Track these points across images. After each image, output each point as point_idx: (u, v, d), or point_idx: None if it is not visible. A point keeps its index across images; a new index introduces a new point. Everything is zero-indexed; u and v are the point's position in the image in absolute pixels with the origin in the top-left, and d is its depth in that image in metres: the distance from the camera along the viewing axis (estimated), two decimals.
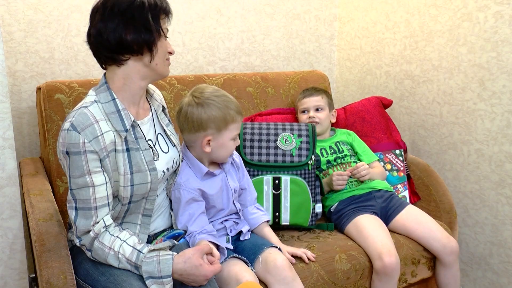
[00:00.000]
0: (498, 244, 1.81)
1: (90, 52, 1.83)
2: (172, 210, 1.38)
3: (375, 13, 2.24)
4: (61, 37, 1.80)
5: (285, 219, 1.60)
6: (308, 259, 1.44)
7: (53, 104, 1.57)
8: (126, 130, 1.16)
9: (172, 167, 1.31)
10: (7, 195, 1.39)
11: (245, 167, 1.59)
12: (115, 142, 1.15)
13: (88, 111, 1.13)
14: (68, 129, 1.10)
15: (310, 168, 1.62)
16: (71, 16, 1.80)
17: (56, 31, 1.79)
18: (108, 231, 1.15)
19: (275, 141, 1.65)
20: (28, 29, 1.74)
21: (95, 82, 1.66)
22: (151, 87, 1.36)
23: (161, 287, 1.11)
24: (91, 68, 1.88)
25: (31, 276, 1.46)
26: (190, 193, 1.33)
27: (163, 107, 1.36)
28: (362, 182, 1.73)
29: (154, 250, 1.14)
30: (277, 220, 1.60)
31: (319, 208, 1.65)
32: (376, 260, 1.47)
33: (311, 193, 1.62)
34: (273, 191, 1.59)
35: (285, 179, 1.59)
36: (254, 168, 1.62)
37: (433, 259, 1.63)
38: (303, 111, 1.86)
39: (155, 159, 1.24)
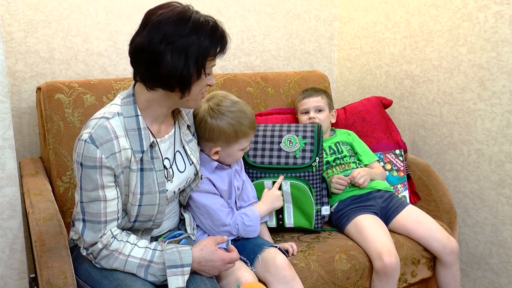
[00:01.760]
0: (498, 244, 1.81)
1: (90, 52, 1.86)
2: (181, 214, 1.38)
3: (375, 13, 2.24)
4: (61, 37, 1.80)
5: (289, 221, 1.59)
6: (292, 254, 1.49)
7: (53, 104, 1.57)
8: (143, 152, 1.13)
9: (184, 186, 1.30)
10: (7, 195, 1.39)
11: (248, 169, 1.58)
12: (130, 160, 1.13)
13: (109, 124, 1.10)
14: (85, 141, 1.07)
15: (314, 170, 1.58)
16: (71, 16, 1.80)
17: (56, 31, 1.79)
18: (116, 238, 1.15)
19: (279, 143, 1.62)
20: (28, 29, 1.74)
21: (95, 82, 1.67)
22: None
23: (179, 278, 1.11)
24: (91, 68, 1.88)
25: (31, 276, 1.46)
26: (205, 184, 1.36)
27: (188, 125, 1.31)
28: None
29: (170, 243, 1.19)
30: (281, 222, 1.59)
31: (325, 210, 1.62)
32: (376, 260, 1.47)
33: (316, 196, 1.59)
34: None
35: (285, 183, 1.57)
36: (257, 170, 1.59)
37: (433, 259, 1.63)
38: (303, 112, 1.86)
39: (169, 179, 1.22)
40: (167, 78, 1.07)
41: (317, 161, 1.59)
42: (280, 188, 1.56)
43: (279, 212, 1.58)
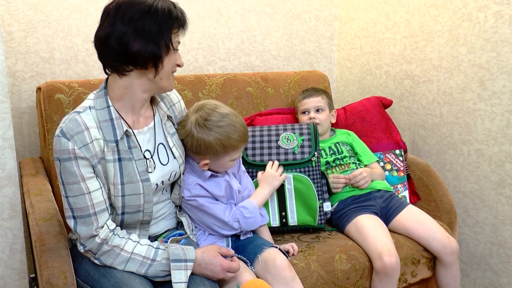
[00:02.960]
0: (498, 244, 1.81)
1: (90, 52, 1.86)
2: (177, 214, 1.38)
3: (375, 13, 2.24)
4: (61, 37, 1.80)
5: (293, 219, 1.58)
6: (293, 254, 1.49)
7: (53, 104, 1.57)
8: (116, 141, 1.14)
9: (169, 180, 1.29)
10: (7, 195, 1.39)
11: (248, 168, 1.58)
12: (104, 151, 1.13)
13: (79, 117, 1.11)
14: (58, 135, 1.09)
15: (313, 165, 1.61)
16: (71, 16, 1.80)
17: (56, 31, 1.79)
18: (118, 235, 1.15)
19: (277, 141, 1.65)
20: (28, 29, 1.74)
21: (95, 82, 1.67)
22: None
23: (182, 272, 1.13)
24: (91, 68, 1.88)
25: (31, 276, 1.46)
26: (198, 190, 1.35)
27: (169, 116, 1.31)
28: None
29: (172, 242, 1.23)
30: (284, 220, 1.58)
31: (327, 206, 1.63)
32: (376, 260, 1.47)
33: (317, 191, 1.60)
34: (277, 190, 1.58)
35: (288, 176, 1.58)
36: (258, 168, 1.59)
37: (433, 259, 1.63)
38: (304, 112, 1.86)
39: (150, 171, 1.22)
40: (139, 55, 1.10)
41: (316, 155, 1.62)
42: (282, 185, 1.56)
43: (282, 210, 1.57)
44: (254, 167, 1.61)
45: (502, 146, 1.75)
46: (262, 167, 1.59)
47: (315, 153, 1.63)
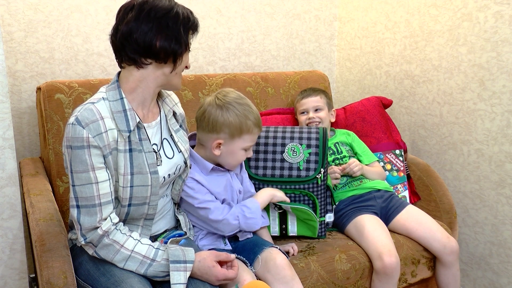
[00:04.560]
0: (498, 244, 1.81)
1: (90, 52, 1.86)
2: (175, 213, 1.38)
3: (375, 13, 2.24)
4: (61, 37, 1.80)
5: (292, 230, 1.57)
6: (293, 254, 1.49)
7: (53, 104, 1.57)
8: (130, 131, 1.16)
9: (175, 174, 1.30)
10: (7, 195, 1.39)
11: (250, 180, 1.55)
12: (117, 141, 1.15)
13: (94, 107, 1.13)
14: (72, 123, 1.10)
15: (319, 183, 1.53)
16: (71, 16, 1.80)
17: (56, 31, 1.79)
18: (120, 230, 1.16)
19: (282, 152, 1.56)
20: (28, 29, 1.74)
21: (95, 82, 1.67)
22: (166, 91, 1.35)
23: (181, 274, 1.13)
24: (91, 68, 1.88)
25: (31, 276, 1.46)
26: (191, 183, 1.35)
27: (174, 112, 1.34)
28: (356, 178, 1.73)
29: (170, 243, 1.23)
30: (284, 232, 1.57)
31: (329, 217, 1.60)
32: (376, 260, 1.47)
33: (321, 206, 1.56)
34: (278, 210, 1.55)
35: (286, 206, 1.51)
36: (259, 182, 1.55)
37: (433, 259, 1.63)
38: (303, 112, 1.86)
39: (158, 164, 1.23)
40: (162, 50, 1.14)
41: (322, 172, 1.53)
42: (281, 208, 1.53)
43: (283, 222, 1.56)
44: (257, 181, 1.55)
45: (502, 146, 1.75)
46: (265, 182, 1.54)
47: (322, 169, 1.53)
